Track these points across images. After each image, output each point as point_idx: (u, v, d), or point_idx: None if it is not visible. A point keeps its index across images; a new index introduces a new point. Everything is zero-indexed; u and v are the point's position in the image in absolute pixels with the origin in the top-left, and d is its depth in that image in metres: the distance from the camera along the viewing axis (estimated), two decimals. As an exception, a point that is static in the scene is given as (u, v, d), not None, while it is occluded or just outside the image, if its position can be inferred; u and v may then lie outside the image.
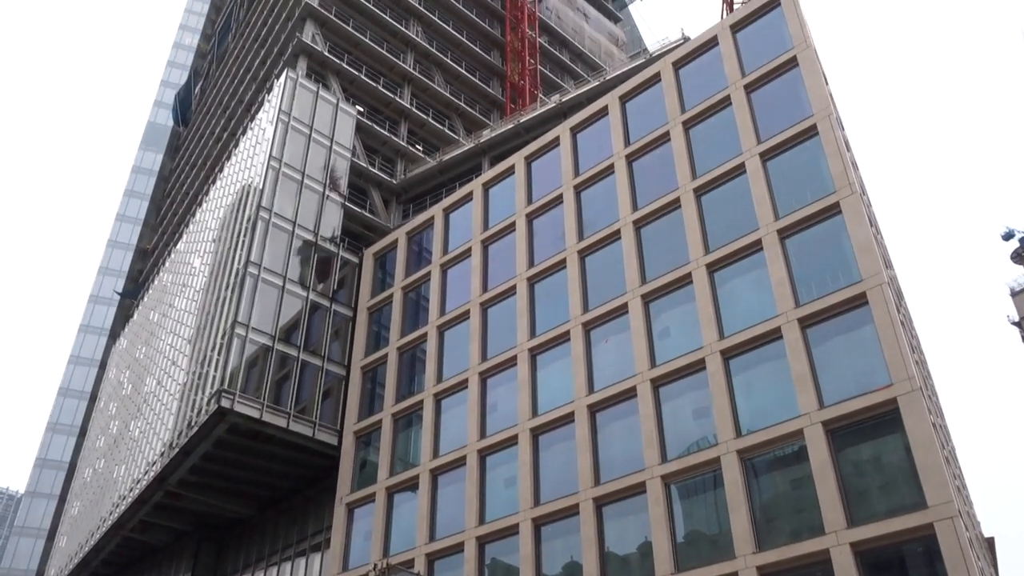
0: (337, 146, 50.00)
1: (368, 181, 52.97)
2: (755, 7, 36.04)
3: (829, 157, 29.99)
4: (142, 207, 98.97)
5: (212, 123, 77.26)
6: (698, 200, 33.57)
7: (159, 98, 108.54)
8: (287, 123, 48.18)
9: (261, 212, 44.29)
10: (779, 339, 28.18)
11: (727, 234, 31.75)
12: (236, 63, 76.30)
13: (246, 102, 66.12)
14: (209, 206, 58.32)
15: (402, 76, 60.26)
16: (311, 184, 47.43)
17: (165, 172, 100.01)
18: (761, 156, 32.19)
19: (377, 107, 57.53)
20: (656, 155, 36.55)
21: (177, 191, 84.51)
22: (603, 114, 40.17)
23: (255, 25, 74.15)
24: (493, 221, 42.34)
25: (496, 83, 68.36)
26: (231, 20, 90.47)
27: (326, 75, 55.75)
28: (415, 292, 44.40)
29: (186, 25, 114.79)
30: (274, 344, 41.62)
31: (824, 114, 31.09)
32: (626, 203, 36.11)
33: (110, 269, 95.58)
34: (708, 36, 37.29)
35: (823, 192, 29.62)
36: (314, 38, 56.78)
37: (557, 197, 39.54)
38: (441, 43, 65.65)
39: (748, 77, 34.44)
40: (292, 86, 49.83)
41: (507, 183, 43.03)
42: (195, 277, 53.18)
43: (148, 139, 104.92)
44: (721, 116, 34.89)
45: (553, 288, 37.21)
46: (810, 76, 32.42)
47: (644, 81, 39.10)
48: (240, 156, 54.19)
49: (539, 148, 42.40)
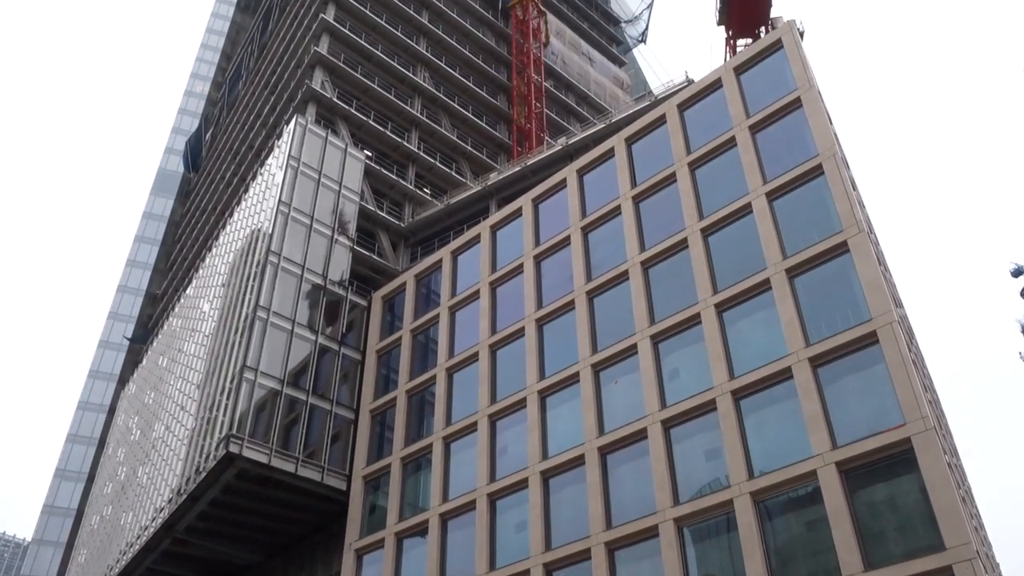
0: (346, 190, 50.44)
1: (376, 224, 53.31)
2: (758, 50, 36.47)
3: (835, 196, 30.09)
4: (152, 252, 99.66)
5: (222, 169, 78.14)
6: (705, 240, 33.64)
7: (170, 145, 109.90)
8: (296, 168, 48.69)
9: (270, 256, 44.55)
10: (790, 379, 28.00)
11: (735, 274, 31.74)
12: (246, 110, 77.39)
13: (256, 148, 66.91)
14: (219, 251, 58.72)
15: (410, 121, 60.97)
16: (320, 228, 47.76)
17: (176, 217, 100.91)
18: (767, 196, 32.31)
19: (385, 151, 58.12)
20: (663, 196, 36.73)
21: (187, 236, 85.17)
22: (609, 156, 40.48)
23: (265, 73, 75.35)
24: (501, 263, 42.47)
25: (503, 127, 69.07)
26: (242, 68, 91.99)
27: (335, 120, 56.46)
28: (424, 335, 44.39)
29: (197, 73, 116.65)
30: (283, 388, 41.55)
31: (829, 153, 31.25)
32: (633, 244, 36.20)
33: (120, 314, 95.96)
34: (712, 78, 37.69)
35: (830, 231, 29.65)
36: (323, 85, 57.61)
37: (565, 239, 39.68)
38: (448, 88, 66.50)
39: (753, 118, 34.73)
40: (301, 132, 50.44)
41: (514, 225, 43.23)
42: (204, 322, 53.33)
43: (159, 185, 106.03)
44: (726, 157, 35.12)
45: (562, 329, 37.16)
46: (814, 116, 32.67)
47: (649, 123, 39.46)
48: (250, 201, 54.68)
49: (546, 190, 42.67)
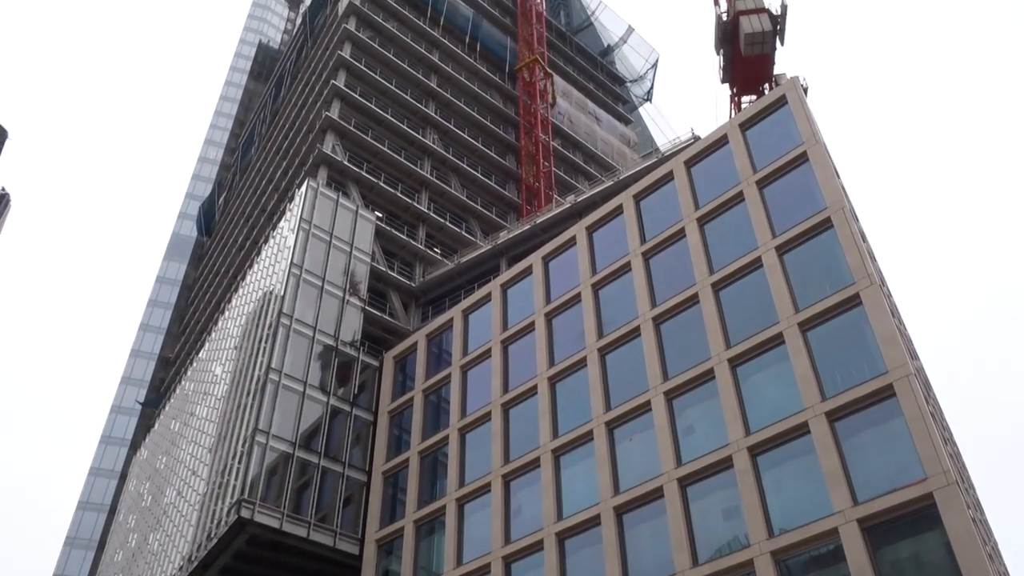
0: (357, 251, 50.83)
1: (387, 285, 53.56)
2: (762, 106, 36.91)
3: (846, 249, 30.09)
4: (165, 316, 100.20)
5: (235, 232, 79.01)
6: (716, 295, 33.59)
7: (184, 210, 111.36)
8: (308, 231, 49.17)
9: (282, 318, 44.71)
10: (807, 434, 27.62)
11: (748, 328, 31.60)
12: (259, 174, 78.59)
13: (268, 211, 67.74)
14: (231, 314, 59.01)
15: (420, 182, 61.71)
16: (331, 290, 48.00)
17: (189, 281, 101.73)
18: (777, 250, 32.34)
19: (396, 212, 58.72)
20: (672, 251, 36.82)
21: (200, 300, 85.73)
22: (618, 213, 40.72)
23: (277, 138, 76.72)
24: (512, 321, 42.45)
25: (512, 186, 69.79)
26: (254, 134, 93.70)
27: (346, 183, 57.20)
28: (436, 395, 44.17)
29: (211, 140, 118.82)
30: (294, 451, 41.26)
31: (838, 206, 31.36)
32: (644, 300, 36.17)
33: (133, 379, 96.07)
34: (718, 135, 38.10)
35: (842, 284, 29.58)
36: (334, 148, 58.54)
37: (575, 296, 39.70)
38: (457, 149, 67.44)
39: (759, 173, 34.98)
40: (313, 195, 51.09)
41: (525, 283, 43.34)
42: (216, 385, 53.31)
43: (173, 250, 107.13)
44: (735, 212, 35.28)
45: (574, 387, 36.92)
46: (821, 170, 32.88)
47: (657, 180, 39.78)
48: (262, 264, 55.14)
49: (556, 248, 42.87)
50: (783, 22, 62.71)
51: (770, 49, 62.46)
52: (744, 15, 62.20)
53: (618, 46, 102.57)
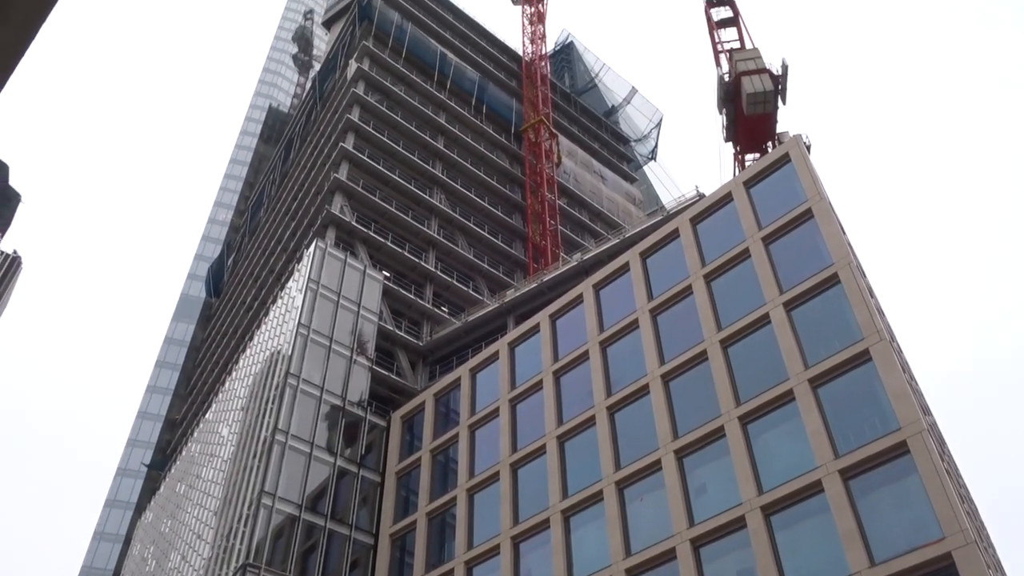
0: (364, 311, 50.93)
1: (395, 344, 53.52)
2: (766, 164, 37.28)
3: (854, 305, 30.03)
4: (173, 377, 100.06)
5: (243, 293, 79.37)
6: (725, 352, 33.44)
7: (193, 271, 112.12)
8: (316, 291, 49.37)
9: (289, 379, 44.60)
10: (821, 492, 27.19)
11: (757, 385, 31.37)
12: (267, 236, 79.28)
13: (276, 272, 68.15)
14: (238, 375, 58.90)
15: (427, 241, 62.14)
16: (339, 349, 47.97)
17: (196, 343, 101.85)
18: (785, 306, 32.30)
19: (403, 271, 58.99)
20: (680, 308, 36.80)
21: (208, 361, 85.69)
22: (625, 270, 40.83)
23: (286, 200, 77.60)
24: (520, 380, 42.24)
25: (518, 244, 70.19)
26: (263, 196, 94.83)
27: (354, 243, 57.63)
28: (443, 455, 43.75)
29: (220, 201, 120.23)
30: (301, 514, 40.74)
31: (844, 263, 31.40)
32: (653, 357, 36.02)
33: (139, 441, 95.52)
34: (723, 192, 38.39)
35: (851, 340, 29.44)
36: (342, 209, 59.14)
37: (583, 354, 39.56)
38: (464, 209, 68.04)
39: (765, 230, 35.13)
40: (321, 255, 51.44)
41: (532, 341, 43.25)
42: (223, 447, 52.94)
43: (181, 311, 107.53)
44: (741, 268, 35.35)
45: (584, 446, 36.54)
46: (826, 226, 33.02)
47: (663, 237, 39.98)
48: (270, 324, 55.25)
49: (563, 306, 42.88)
50: (784, 82, 63.69)
51: (772, 108, 63.30)
52: (746, 75, 63.23)
53: (622, 106, 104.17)
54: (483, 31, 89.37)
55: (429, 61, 77.51)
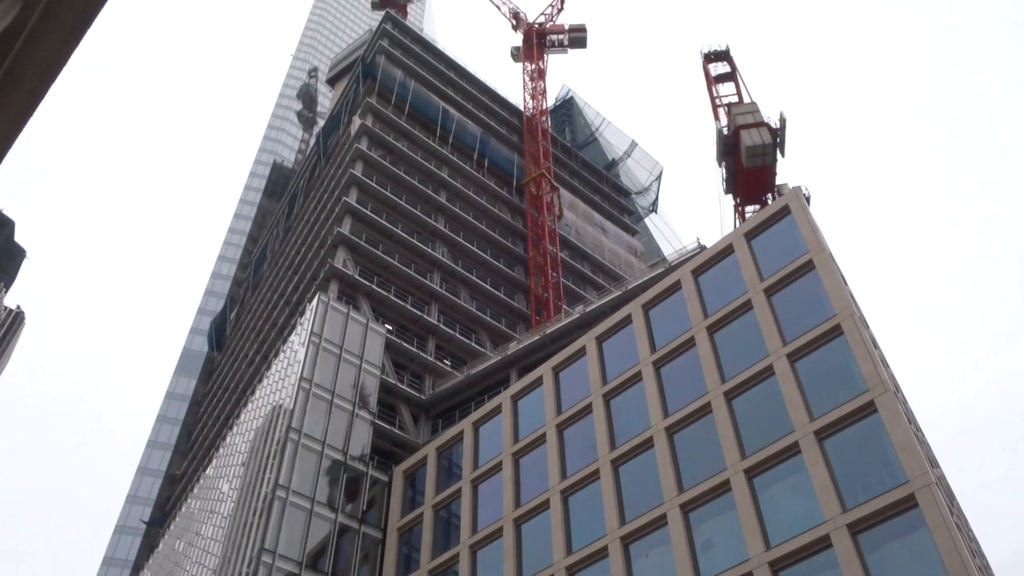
0: (367, 364, 50.78)
1: (397, 397, 53.25)
2: (767, 216, 37.52)
3: (857, 356, 29.94)
4: (173, 432, 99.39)
5: (246, 347, 79.26)
6: (729, 404, 33.23)
7: (196, 325, 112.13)
8: (318, 344, 49.31)
9: (291, 433, 44.28)
10: (829, 547, 26.77)
11: (763, 437, 31.11)
12: (271, 289, 79.49)
13: (279, 326, 68.14)
14: (239, 429, 58.51)
15: (429, 294, 62.26)
16: (341, 403, 47.72)
17: (198, 397, 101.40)
18: (788, 357, 32.20)
19: (406, 324, 58.98)
20: (683, 360, 36.68)
21: (209, 415, 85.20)
22: (627, 322, 40.81)
23: (289, 253, 78.01)
24: (523, 433, 41.92)
25: (520, 296, 70.29)
26: (267, 250, 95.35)
27: (356, 296, 57.74)
28: (446, 510, 43.20)
29: (224, 256, 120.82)
30: (301, 572, 40.05)
31: (847, 314, 31.39)
32: (656, 410, 35.79)
33: (138, 497, 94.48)
34: (724, 244, 38.58)
35: (856, 391, 29.28)
36: (345, 263, 59.40)
37: (587, 406, 39.32)
38: (466, 261, 68.32)
39: (767, 281, 35.21)
40: (324, 308, 51.49)
41: (536, 394, 43.03)
42: (223, 503, 52.32)
43: (183, 365, 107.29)
44: (744, 320, 35.33)
45: (588, 500, 36.09)
46: (828, 277, 33.09)
47: (665, 289, 40.05)
48: (272, 378, 55.05)
49: (566, 358, 42.76)
50: (783, 135, 64.48)
51: (771, 161, 64.00)
52: (744, 129, 64.06)
53: (622, 160, 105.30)
54: (484, 87, 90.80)
55: (431, 117, 78.62)
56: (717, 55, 74.02)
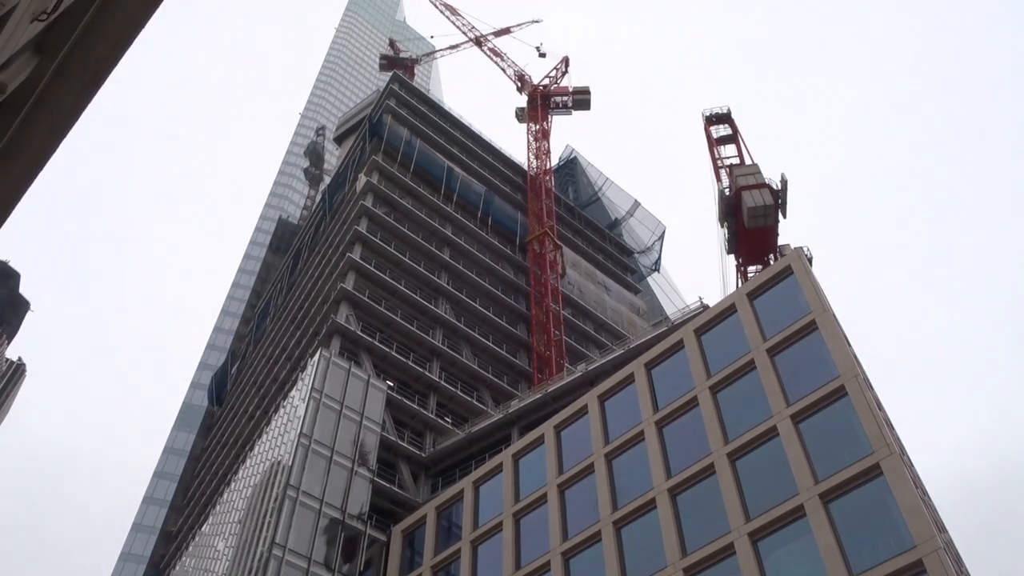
0: (367, 421, 50.40)
1: (397, 455, 52.71)
2: (769, 276, 37.63)
3: (862, 418, 29.71)
4: (170, 488, 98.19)
5: (246, 402, 78.80)
6: (733, 465, 32.84)
7: (197, 379, 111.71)
8: (319, 400, 49.02)
9: (288, 490, 43.74)
10: (836, 615, 26.16)
11: (767, 500, 30.66)
12: (272, 344, 79.35)
13: (280, 381, 67.85)
14: (237, 486, 57.81)
15: (431, 351, 62.10)
16: (340, 460, 47.22)
17: (196, 452, 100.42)
18: (792, 418, 31.94)
19: (407, 381, 58.71)
20: (686, 420, 36.39)
21: (207, 471, 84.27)
22: (630, 381, 40.60)
23: (292, 308, 78.08)
24: (524, 493, 41.37)
25: (523, 354, 70.07)
26: (270, 304, 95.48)
27: (358, 352, 57.60)
28: (444, 571, 42.37)
29: (227, 310, 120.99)
30: (296, 634, 39.16)
31: (851, 375, 31.23)
32: (659, 470, 35.36)
33: (132, 554, 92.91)
34: (727, 304, 38.60)
35: (861, 453, 28.97)
36: (348, 318, 59.41)
37: (588, 466, 38.88)
38: (469, 319, 68.31)
39: (770, 341, 35.12)
40: (325, 364, 51.32)
41: (537, 453, 42.59)
42: (218, 561, 51.43)
43: (182, 420, 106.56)
44: (747, 380, 35.15)
45: (589, 563, 35.41)
46: (831, 338, 33.02)
47: (668, 348, 39.94)
48: (271, 434, 54.61)
49: (568, 417, 42.44)
50: (784, 196, 65.03)
51: (773, 222, 64.44)
52: (746, 190, 64.66)
53: (625, 219, 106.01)
54: (489, 146, 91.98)
55: (436, 175, 79.47)
56: (719, 117, 75.13)
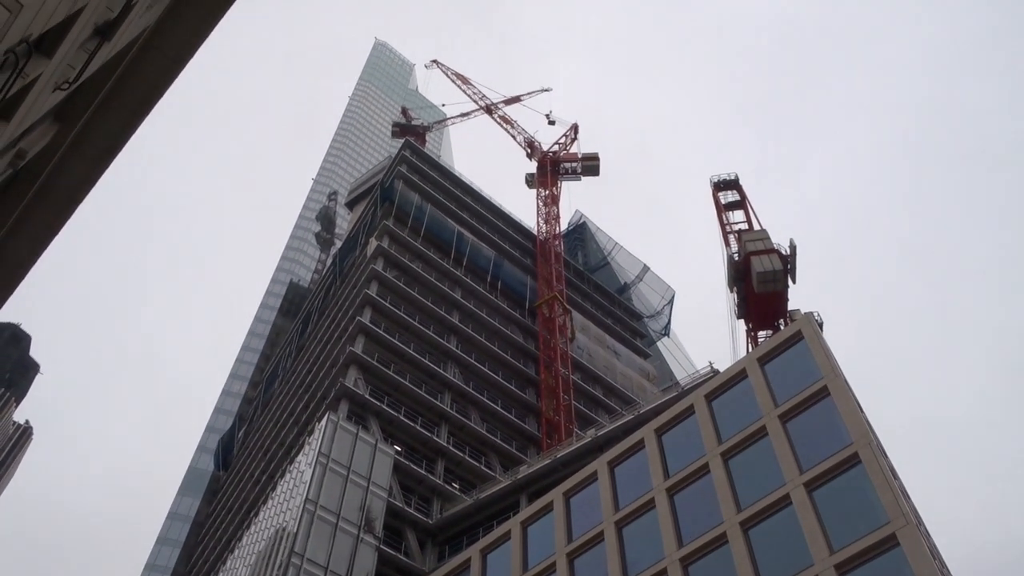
0: (374, 487, 49.76)
1: (403, 521, 51.90)
2: (779, 341, 37.45)
3: (877, 486, 29.16)
4: (173, 555, 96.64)
5: (252, 467, 78.05)
6: (746, 534, 32.15)
7: (203, 443, 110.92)
8: (325, 465, 48.52)
9: (293, 558, 42.97)
10: None
11: (782, 571, 29.88)
12: (280, 408, 78.99)
13: (287, 445, 67.32)
14: (241, 552, 56.87)
15: (440, 415, 61.66)
16: (346, 527, 46.50)
17: (200, 518, 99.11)
18: (806, 486, 31.36)
19: (415, 446, 58.16)
20: (697, 487, 35.78)
21: (211, 537, 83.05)
22: (640, 447, 40.10)
23: (300, 372, 77.94)
24: (532, 562, 40.49)
25: (531, 419, 69.47)
26: (279, 368, 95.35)
27: (366, 416, 57.22)
28: (451, 643, 41.29)
29: (236, 374, 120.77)
30: None
31: (864, 442, 30.78)
32: (671, 539, 34.63)
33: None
34: (737, 369, 38.34)
35: (876, 523, 28.34)
36: (356, 382, 59.20)
37: (598, 534, 38.12)
38: (478, 383, 67.97)
39: (781, 407, 34.74)
40: (332, 428, 50.95)
41: (546, 520, 41.83)
42: (219, 631, 50.30)
43: (188, 484, 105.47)
44: (759, 446, 34.66)
45: (600, 636, 34.48)
46: (843, 404, 32.65)
47: (678, 414, 39.54)
48: (277, 499, 53.94)
49: (577, 483, 41.82)
50: (793, 261, 65.16)
51: (782, 287, 64.45)
52: (755, 255, 64.86)
53: (634, 284, 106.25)
54: (499, 211, 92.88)
55: (446, 239, 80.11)
56: (727, 184, 75.87)
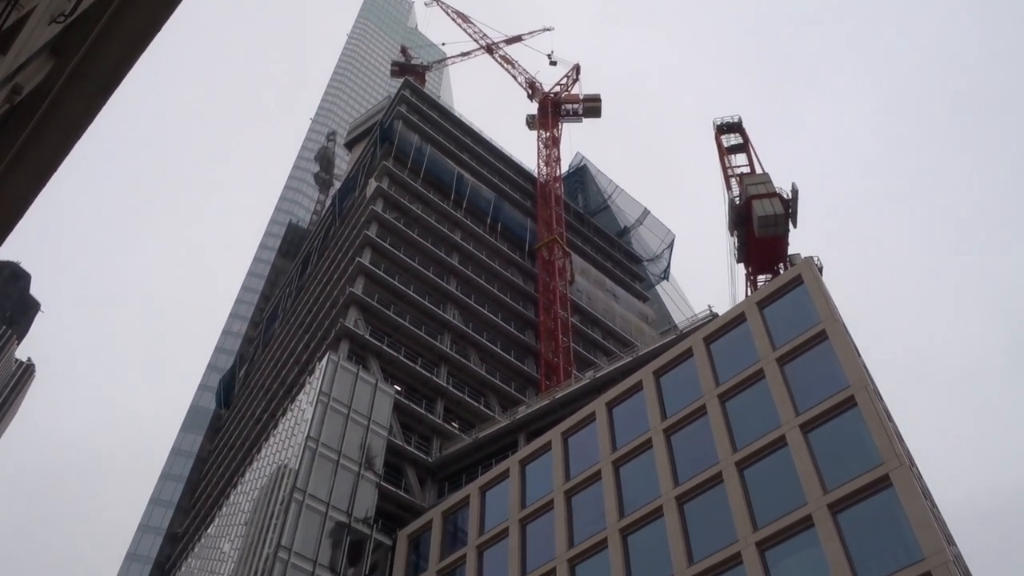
0: (374, 425, 50.38)
1: (404, 459, 52.69)
2: (779, 285, 37.52)
3: (872, 429, 29.55)
4: (177, 490, 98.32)
5: (253, 405, 78.92)
6: (741, 474, 32.71)
7: (204, 382, 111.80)
8: (326, 403, 49.04)
9: (295, 493, 43.74)
10: (844, 626, 25.99)
11: (775, 509, 30.51)
12: (281, 348, 79.50)
13: (288, 384, 67.94)
14: (243, 488, 57.88)
15: (439, 356, 62.09)
16: (347, 464, 47.22)
17: (203, 454, 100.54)
18: (801, 428, 31.79)
19: (415, 386, 58.70)
20: (694, 428, 36.27)
21: (213, 473, 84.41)
22: (638, 389, 40.51)
23: (301, 312, 78.24)
24: (530, 499, 41.28)
25: (531, 361, 69.98)
26: (279, 308, 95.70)
27: (366, 356, 57.63)
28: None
29: (236, 313, 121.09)
30: (300, 637, 39.13)
31: (861, 385, 31.08)
32: (667, 478, 35.24)
33: (138, 555, 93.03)
34: (736, 312, 38.50)
35: (870, 464, 28.81)
36: (356, 323, 59.46)
37: (596, 473, 38.77)
38: (477, 324, 68.27)
39: (779, 350, 34.98)
40: (333, 368, 51.35)
41: (544, 459, 42.50)
42: (223, 563, 51.46)
43: (190, 422, 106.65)
44: (756, 388, 35.02)
45: (595, 570, 35.30)
46: (841, 348, 32.88)
47: (677, 356, 39.84)
48: (278, 437, 54.67)
49: (575, 424, 42.36)
50: (795, 205, 64.86)
51: (783, 231, 64.27)
52: (756, 199, 64.52)
53: (634, 227, 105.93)
54: (499, 153, 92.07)
55: (446, 181, 79.60)
56: (729, 126, 75.03)
